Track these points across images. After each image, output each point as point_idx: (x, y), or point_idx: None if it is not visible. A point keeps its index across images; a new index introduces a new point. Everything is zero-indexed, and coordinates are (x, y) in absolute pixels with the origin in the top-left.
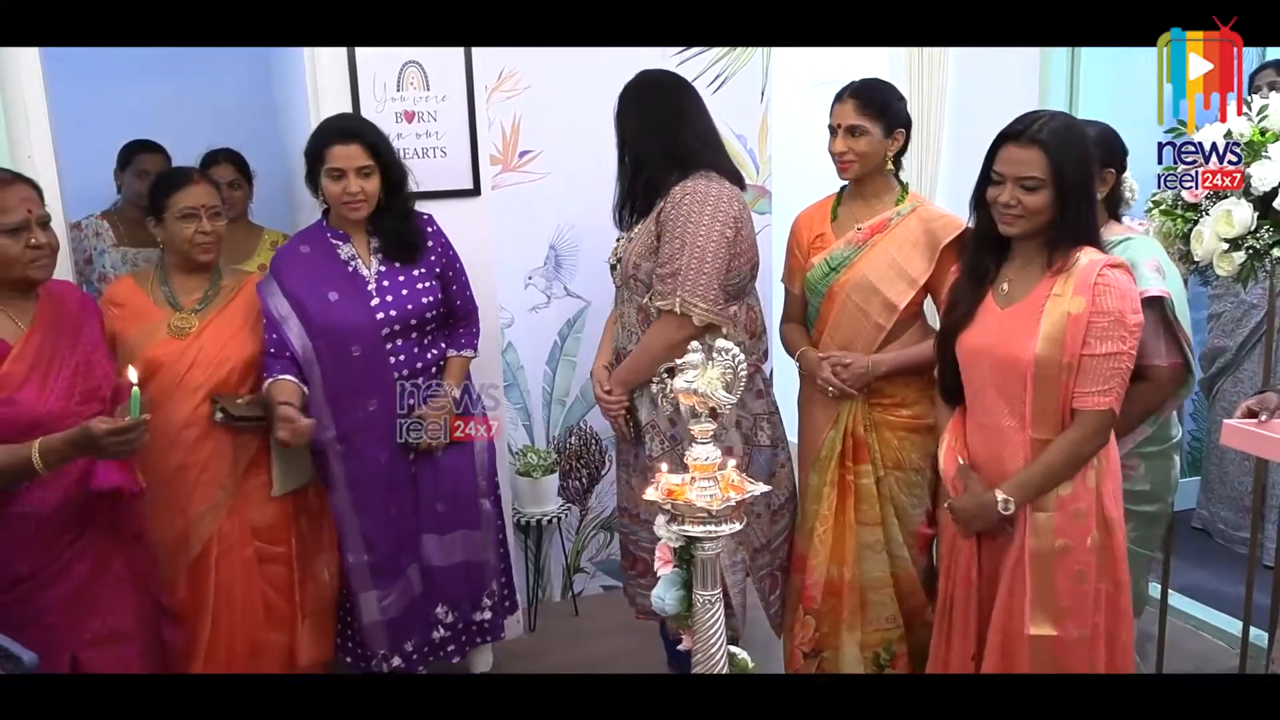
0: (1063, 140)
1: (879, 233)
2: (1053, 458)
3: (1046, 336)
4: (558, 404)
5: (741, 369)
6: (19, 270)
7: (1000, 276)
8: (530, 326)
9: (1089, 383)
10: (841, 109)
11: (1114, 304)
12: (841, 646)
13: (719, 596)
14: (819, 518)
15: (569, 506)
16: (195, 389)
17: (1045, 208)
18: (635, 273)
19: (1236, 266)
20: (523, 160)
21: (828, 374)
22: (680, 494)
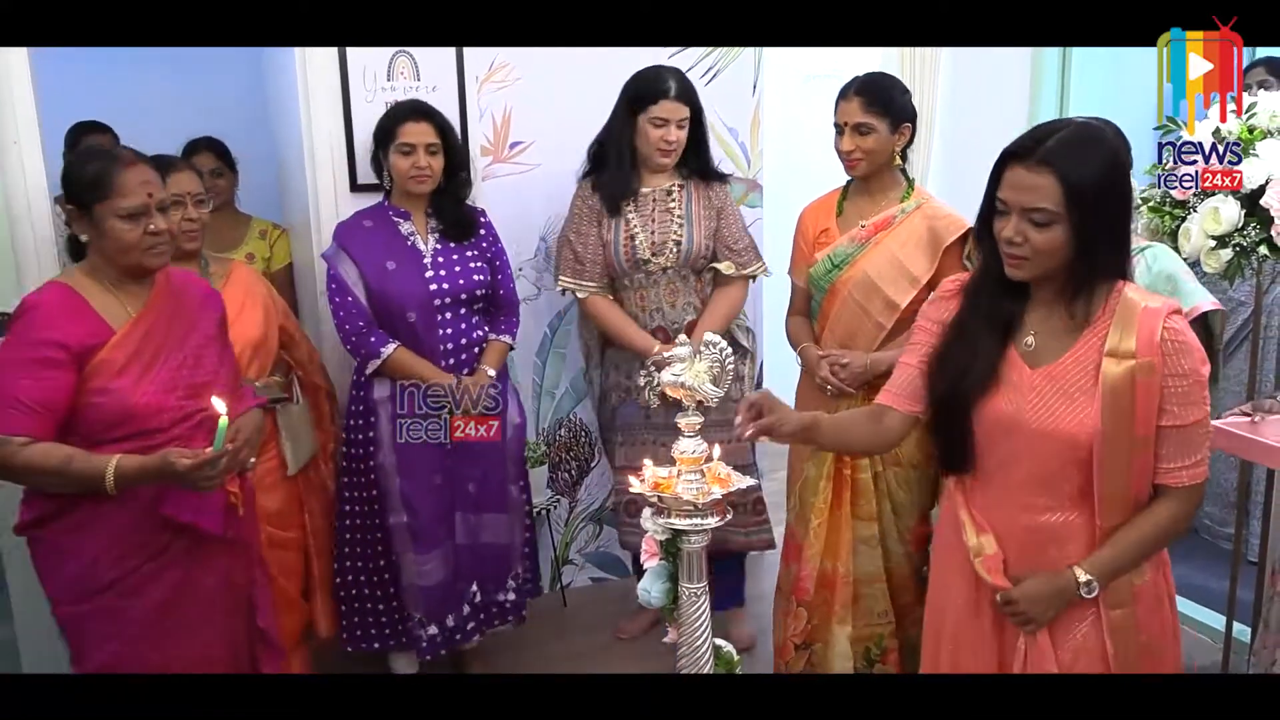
0: (1082, 160)
1: (883, 230)
2: (1144, 538)
3: (1111, 409)
4: (547, 396)
5: (729, 363)
6: (135, 257)
7: (1023, 326)
8: (521, 318)
9: (1178, 456)
10: (847, 106)
11: (1190, 363)
12: (832, 639)
13: (705, 589)
14: (815, 510)
15: (558, 499)
16: None
17: (1059, 248)
18: (704, 253)
19: (1224, 263)
20: (514, 151)
21: (826, 373)
22: (667, 487)
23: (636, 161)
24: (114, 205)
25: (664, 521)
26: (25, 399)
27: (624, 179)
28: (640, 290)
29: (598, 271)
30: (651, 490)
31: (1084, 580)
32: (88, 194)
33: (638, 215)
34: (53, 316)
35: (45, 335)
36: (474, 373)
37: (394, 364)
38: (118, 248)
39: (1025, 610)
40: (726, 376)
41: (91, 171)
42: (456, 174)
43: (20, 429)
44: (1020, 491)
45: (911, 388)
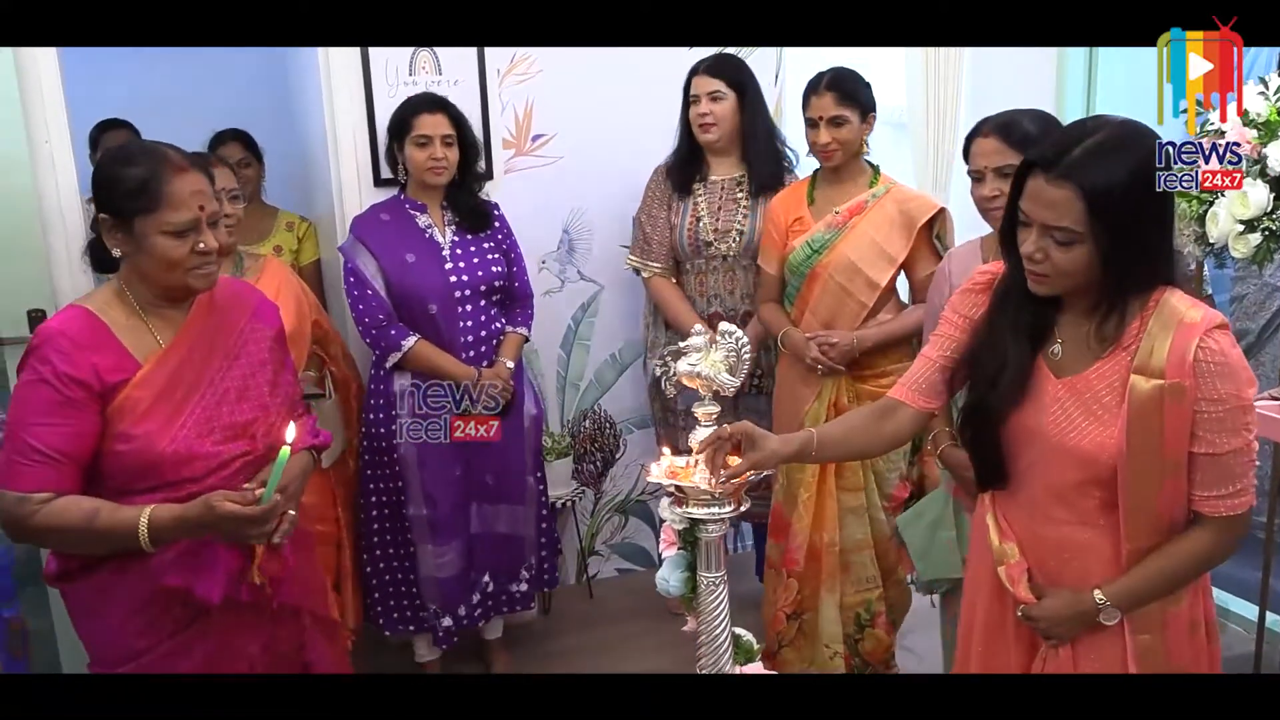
0: (1109, 173)
1: (857, 214)
2: (1173, 567)
3: (1137, 431)
4: (571, 388)
5: (745, 352)
6: (179, 278)
7: (1054, 334)
8: (544, 310)
9: (1213, 485)
10: (820, 102)
11: (1228, 388)
12: (821, 607)
13: (723, 578)
14: (803, 485)
15: (583, 490)
16: None
17: (1083, 267)
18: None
19: (1252, 248)
20: (536, 144)
21: (816, 353)
22: (685, 475)
23: (699, 146)
24: (160, 219)
25: (681, 511)
26: (44, 447)
27: (690, 162)
28: (700, 275)
29: (663, 253)
30: (669, 479)
31: (1103, 606)
32: (128, 204)
33: (706, 200)
34: (73, 348)
35: (65, 370)
36: (493, 365)
37: (415, 357)
38: (160, 267)
39: (1046, 628)
40: (742, 366)
41: (135, 177)
42: (471, 166)
43: (39, 484)
44: (1042, 503)
45: (929, 383)
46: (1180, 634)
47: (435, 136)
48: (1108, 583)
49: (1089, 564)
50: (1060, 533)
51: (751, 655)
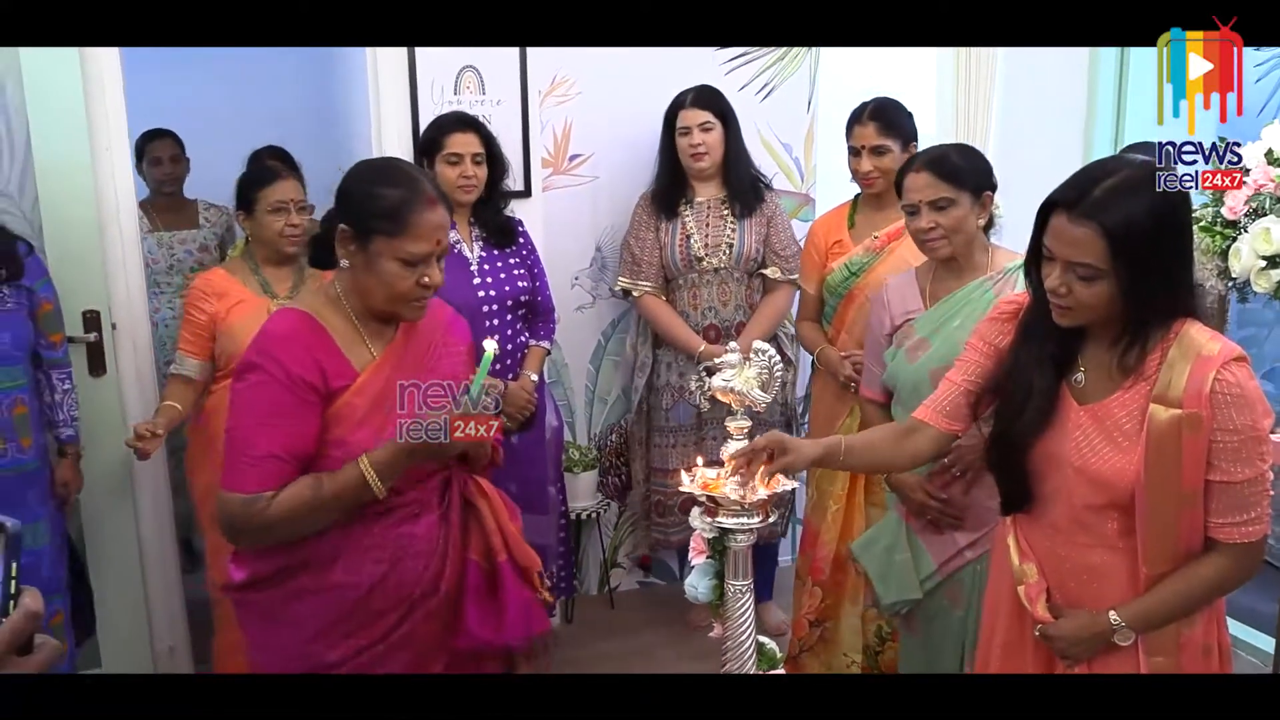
0: (1130, 212)
1: (895, 239)
2: (1189, 591)
3: (1155, 459)
4: (599, 402)
5: (777, 369)
6: (398, 307)
7: (1076, 361)
8: (576, 325)
9: (1229, 512)
10: (863, 131)
11: (1244, 418)
12: (843, 617)
13: (749, 586)
14: (833, 497)
15: (608, 503)
16: None
17: (1105, 302)
18: (754, 256)
19: (1274, 284)
20: (573, 164)
21: (850, 371)
22: (715, 487)
23: (683, 173)
24: (400, 246)
25: (712, 520)
26: (275, 448)
27: (675, 187)
28: (694, 289)
29: (653, 272)
30: (700, 490)
31: (1118, 626)
32: (374, 222)
33: (694, 219)
34: (304, 350)
35: (297, 372)
36: (518, 378)
37: None
38: (383, 290)
39: (1063, 647)
40: (775, 383)
41: (389, 199)
42: (499, 183)
43: (265, 484)
44: (1063, 526)
45: (954, 406)
46: (1194, 657)
47: (466, 155)
48: (1124, 604)
49: (1107, 586)
50: (1080, 555)
51: (774, 662)
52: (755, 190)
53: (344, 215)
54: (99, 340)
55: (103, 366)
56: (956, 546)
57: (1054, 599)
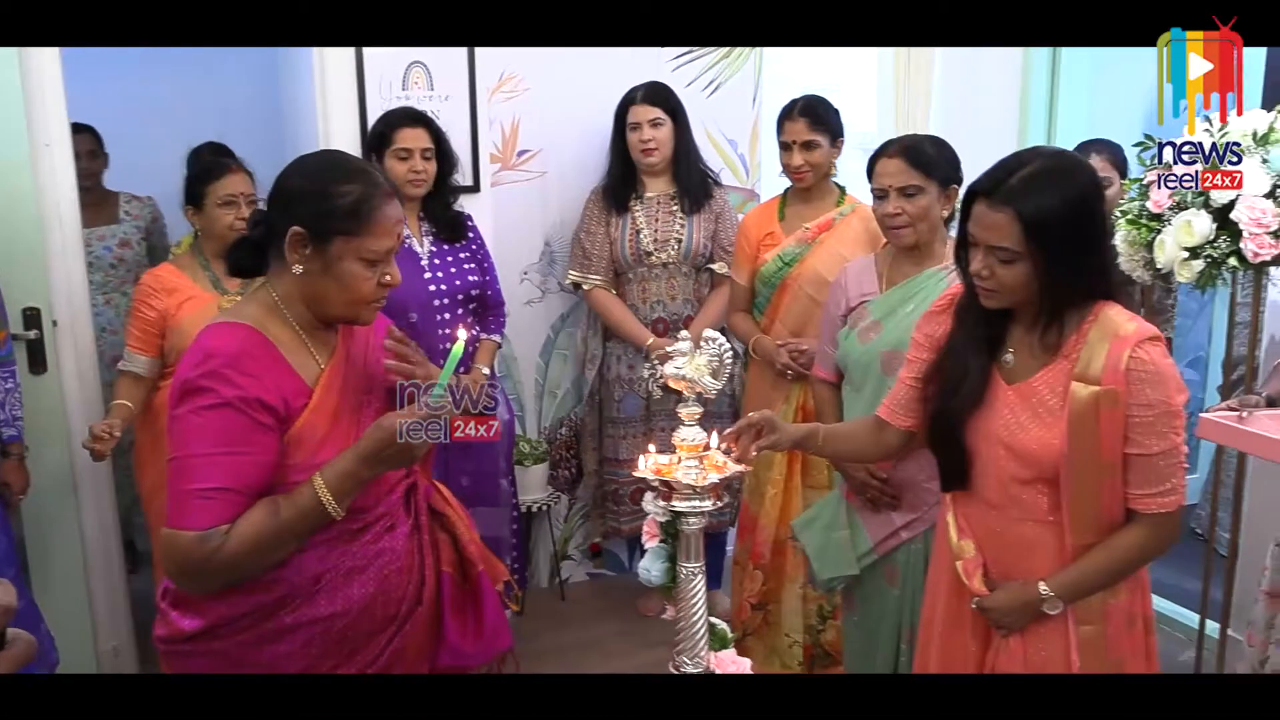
0: (1043, 198)
1: (825, 230)
2: (1112, 561)
3: (1076, 434)
4: (549, 395)
5: (727, 357)
6: (356, 311)
7: (1005, 344)
8: (525, 319)
9: (1146, 483)
10: (794, 126)
11: (1157, 393)
12: (784, 599)
13: (701, 569)
14: (771, 482)
15: (558, 495)
16: None
17: (1025, 283)
18: (703, 251)
19: (1195, 274)
20: (521, 159)
21: (786, 359)
22: (668, 472)
23: (633, 168)
24: (363, 245)
25: (665, 504)
26: (228, 480)
27: (626, 182)
28: (643, 283)
29: (603, 266)
30: (654, 475)
31: (1046, 596)
32: (334, 222)
33: (644, 214)
34: (261, 370)
35: (255, 394)
36: (470, 372)
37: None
38: (343, 293)
39: (997, 618)
40: (725, 370)
41: (349, 195)
42: (448, 178)
43: (217, 519)
44: (996, 501)
45: (907, 402)
46: (1119, 626)
47: (416, 149)
48: (1052, 576)
49: (1038, 559)
50: (1013, 529)
51: (725, 642)
52: (704, 186)
53: (295, 217)
54: (40, 338)
55: (44, 364)
56: (893, 526)
57: (990, 573)
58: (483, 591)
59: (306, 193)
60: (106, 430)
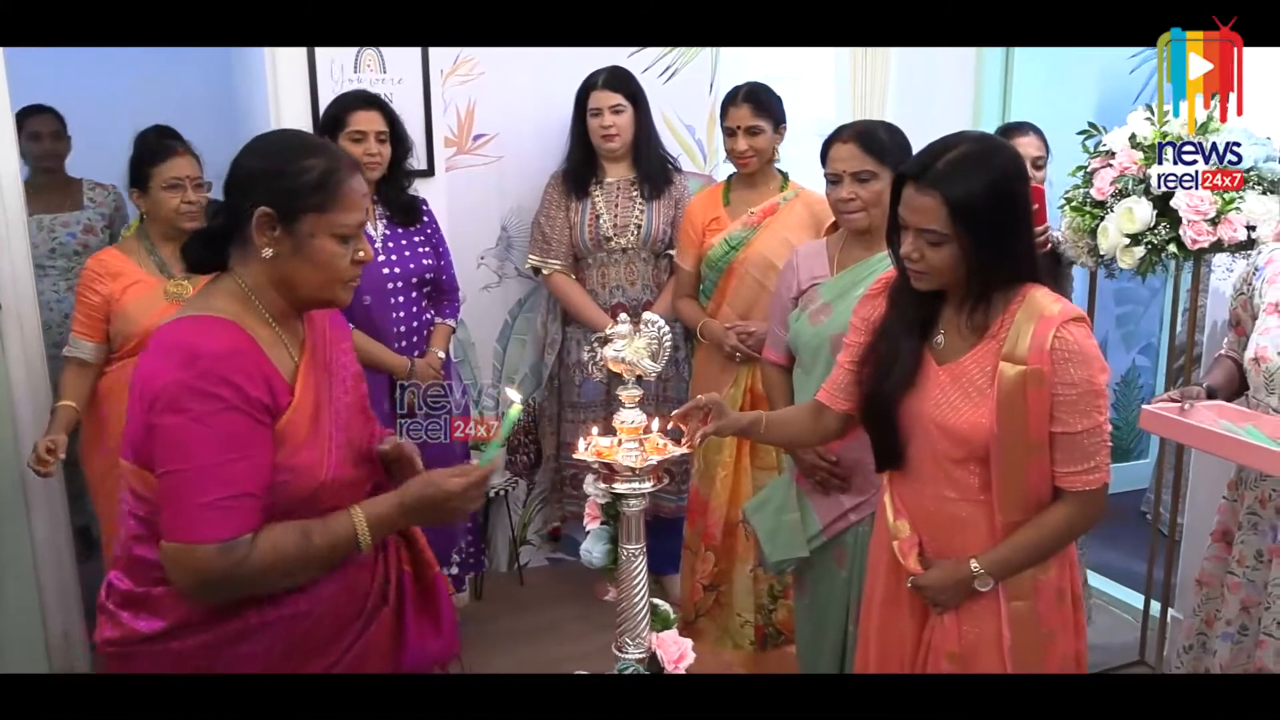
0: (968, 181)
1: (769, 215)
2: (1040, 538)
3: (1005, 413)
4: (507, 381)
5: (667, 340)
6: (330, 288)
7: (936, 325)
8: (482, 305)
9: (1071, 460)
10: (738, 112)
11: (1080, 372)
12: (735, 579)
13: (642, 550)
14: (720, 464)
15: (516, 480)
16: None
17: (953, 264)
18: (662, 237)
19: (1137, 260)
20: (477, 143)
21: (734, 341)
22: (609, 454)
23: (594, 153)
24: (334, 220)
25: (606, 486)
26: (252, 486)
27: (586, 167)
28: (602, 268)
29: (563, 251)
30: (595, 457)
31: (977, 573)
32: (301, 199)
33: (604, 199)
34: (253, 367)
35: (255, 394)
36: (425, 355)
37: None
38: (318, 273)
39: (931, 595)
40: (664, 353)
41: (315, 170)
42: (402, 162)
43: (241, 528)
44: (931, 481)
45: (845, 386)
46: (1049, 601)
47: (370, 132)
48: (982, 553)
49: (971, 537)
50: (947, 509)
51: (668, 623)
52: (664, 172)
53: (260, 198)
54: None
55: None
56: (842, 508)
57: (925, 552)
58: (438, 592)
59: (269, 172)
60: (50, 446)
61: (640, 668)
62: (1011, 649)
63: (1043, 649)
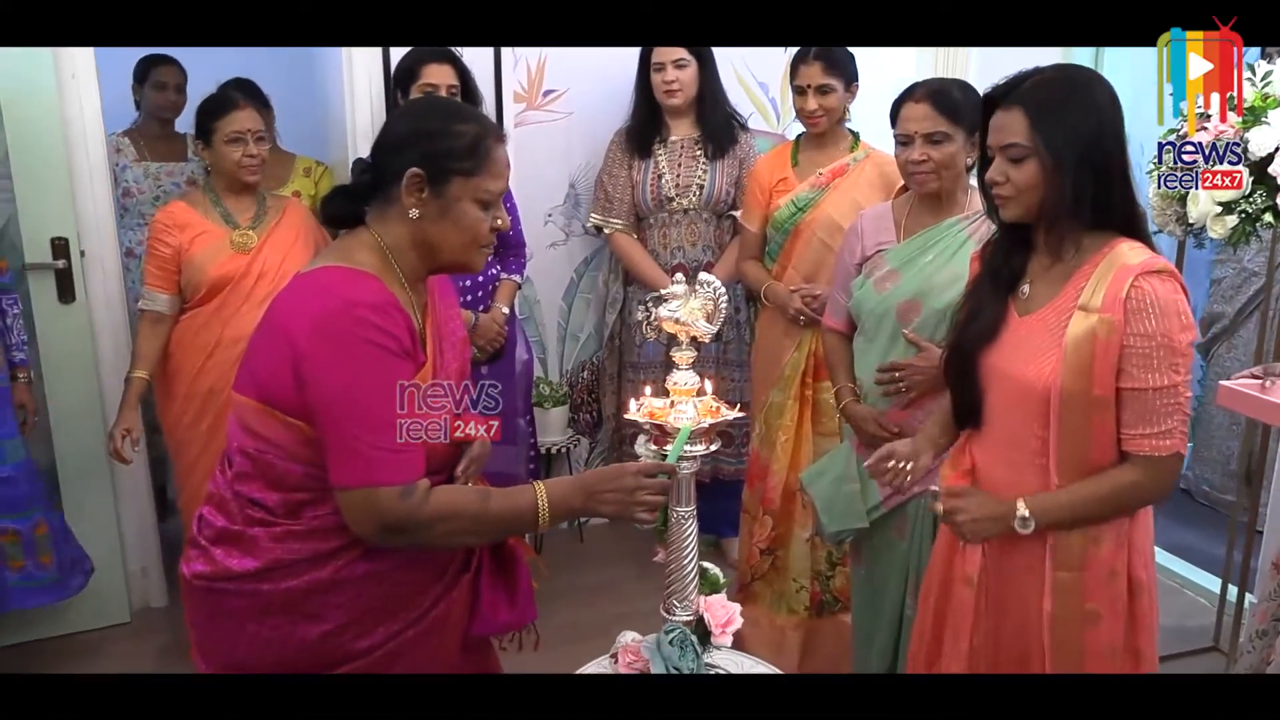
0: (1052, 97)
1: (839, 176)
2: (1097, 492)
3: (1071, 363)
4: (572, 339)
5: (723, 301)
6: (469, 251)
7: (1024, 276)
8: (548, 262)
9: (1141, 422)
10: (809, 70)
11: (1155, 324)
12: (792, 544)
13: (692, 513)
14: (782, 429)
15: (578, 438)
16: (262, 301)
17: (1036, 183)
18: (724, 198)
19: (1229, 230)
20: (546, 100)
21: (799, 304)
22: (662, 415)
23: (658, 110)
24: (479, 185)
25: (657, 449)
26: (416, 437)
27: (650, 125)
28: (664, 229)
29: (625, 210)
30: (647, 418)
31: (1021, 514)
32: (454, 161)
33: (666, 158)
34: (403, 318)
35: (408, 344)
36: (490, 310)
37: None
38: (460, 236)
39: (961, 519)
40: (720, 314)
41: (467, 135)
42: None
43: (417, 471)
44: (1001, 443)
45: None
46: (1099, 577)
47: (442, 85)
48: (1032, 495)
49: (1028, 486)
50: (1010, 475)
51: (717, 587)
52: (729, 131)
53: (412, 159)
54: (68, 267)
55: (72, 293)
56: None
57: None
58: (516, 562)
59: (424, 133)
60: (125, 433)
61: (688, 630)
62: (1052, 621)
63: (1085, 628)
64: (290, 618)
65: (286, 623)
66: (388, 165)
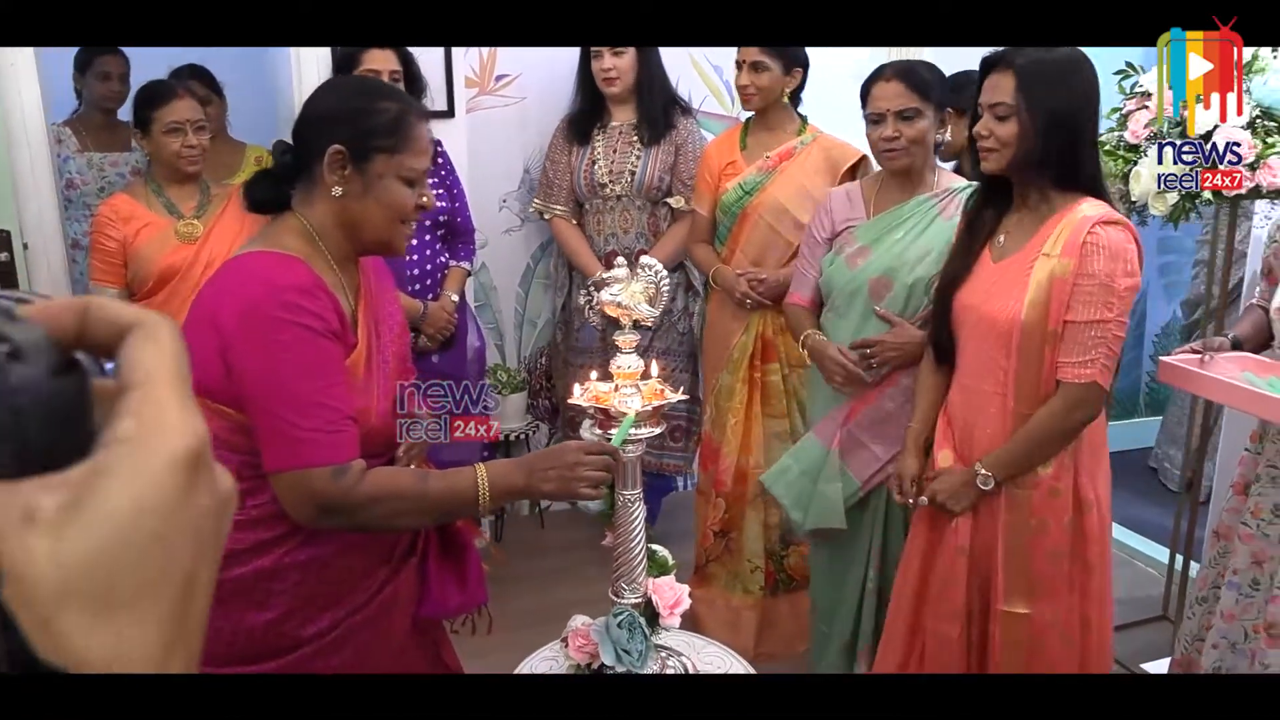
0: (1041, 65)
1: (786, 159)
2: (1033, 432)
3: (1032, 300)
4: (529, 324)
5: (664, 284)
6: (393, 230)
7: (1000, 228)
8: (504, 248)
9: (1070, 352)
10: (746, 48)
11: (1102, 266)
12: (745, 525)
13: (639, 496)
14: (731, 411)
15: (537, 424)
16: None
17: (1016, 139)
18: (656, 184)
19: (1169, 206)
20: (499, 84)
21: (746, 288)
22: (606, 400)
23: (600, 97)
24: (402, 162)
25: (602, 433)
26: (351, 410)
27: (592, 111)
28: (598, 215)
29: (565, 196)
30: (591, 403)
31: (981, 475)
32: (375, 139)
33: (603, 144)
34: (327, 302)
35: (335, 326)
36: (439, 298)
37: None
38: (384, 215)
39: (942, 499)
40: (661, 297)
41: (388, 112)
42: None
43: (352, 451)
44: (973, 373)
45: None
46: (1043, 494)
47: (384, 71)
48: (986, 456)
49: (987, 429)
50: (977, 385)
51: (666, 569)
52: (666, 116)
53: (334, 136)
54: (11, 261)
55: (15, 287)
56: (879, 463)
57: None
58: (464, 545)
59: (345, 111)
60: None
61: (635, 613)
62: (1004, 529)
63: (1032, 536)
64: (237, 606)
65: (234, 611)
66: (310, 144)
